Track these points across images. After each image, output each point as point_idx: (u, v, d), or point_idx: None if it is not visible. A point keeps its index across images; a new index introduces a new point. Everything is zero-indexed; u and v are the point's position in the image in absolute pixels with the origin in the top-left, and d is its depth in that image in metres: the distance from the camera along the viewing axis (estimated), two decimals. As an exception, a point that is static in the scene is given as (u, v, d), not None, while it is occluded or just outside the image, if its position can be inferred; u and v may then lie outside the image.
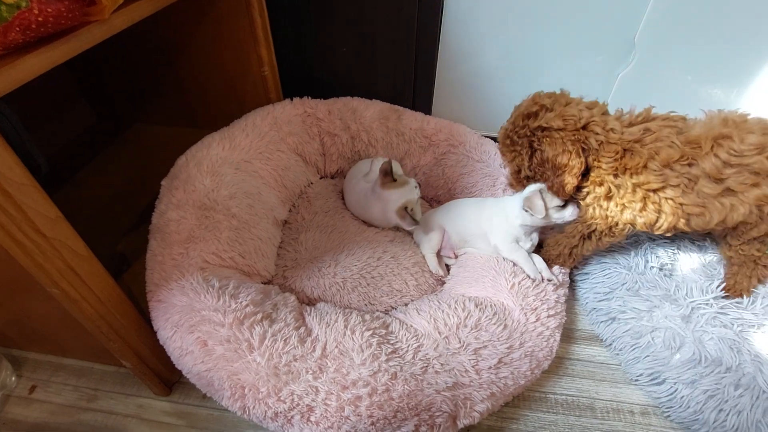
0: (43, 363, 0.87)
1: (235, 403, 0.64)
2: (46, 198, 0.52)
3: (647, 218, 0.70)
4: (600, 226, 0.76)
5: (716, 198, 0.66)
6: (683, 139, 0.66)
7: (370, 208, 0.96)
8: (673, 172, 0.66)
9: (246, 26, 0.95)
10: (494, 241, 0.85)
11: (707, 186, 0.65)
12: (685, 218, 0.69)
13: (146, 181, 0.88)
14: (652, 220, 0.70)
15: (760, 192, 0.64)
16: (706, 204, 0.66)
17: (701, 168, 0.65)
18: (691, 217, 0.68)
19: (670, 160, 0.66)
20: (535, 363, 0.73)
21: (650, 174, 0.67)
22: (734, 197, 0.65)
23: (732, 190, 0.65)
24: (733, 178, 0.64)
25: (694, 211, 0.67)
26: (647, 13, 0.96)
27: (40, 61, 0.50)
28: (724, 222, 0.67)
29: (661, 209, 0.69)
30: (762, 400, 0.70)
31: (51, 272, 0.55)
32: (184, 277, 0.71)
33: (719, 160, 0.64)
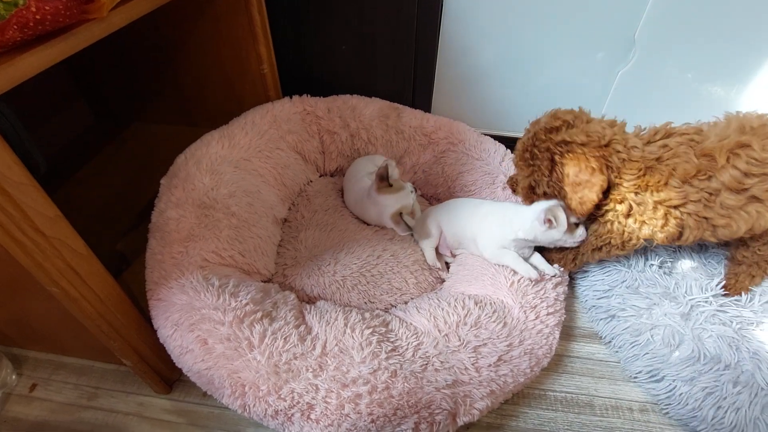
0: (43, 361, 0.87)
1: (236, 402, 0.64)
2: (45, 197, 0.52)
3: (668, 233, 0.69)
4: (614, 240, 0.75)
5: (741, 208, 0.64)
6: (699, 152, 0.65)
7: (366, 209, 0.97)
8: (692, 187, 0.65)
9: (245, 24, 0.95)
10: (480, 245, 0.85)
11: (730, 198, 0.64)
12: (711, 230, 0.67)
13: (145, 179, 0.88)
14: (675, 234, 0.69)
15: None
16: (731, 215, 0.65)
17: (720, 181, 0.63)
18: (717, 228, 0.67)
19: (687, 176, 0.64)
20: (534, 361, 0.73)
21: (671, 191, 0.65)
22: (761, 204, 0.64)
23: (757, 197, 0.63)
24: (757, 187, 0.62)
25: (719, 223, 0.66)
26: (647, 10, 0.96)
27: (38, 60, 0.49)
28: (752, 230, 0.66)
29: (685, 223, 0.67)
30: (760, 397, 0.70)
31: (51, 271, 0.55)
32: (183, 276, 0.71)
33: (738, 172, 0.62)
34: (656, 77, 1.06)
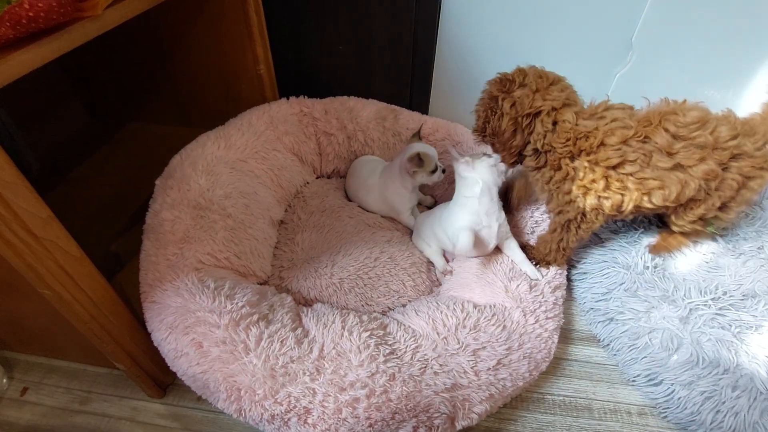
0: (35, 365, 0.85)
1: (231, 406, 0.63)
2: (37, 197, 0.51)
3: (613, 199, 0.73)
4: (570, 214, 0.78)
5: (671, 171, 0.70)
6: (636, 118, 0.71)
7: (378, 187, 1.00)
8: (629, 147, 0.70)
9: (241, 24, 0.94)
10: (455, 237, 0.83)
11: (661, 160, 0.69)
12: (647, 194, 0.72)
13: (140, 180, 0.87)
14: (618, 201, 0.73)
15: (706, 167, 0.69)
16: (663, 178, 0.70)
17: (654, 143, 0.69)
18: (652, 192, 0.71)
19: (626, 137, 0.69)
20: (533, 364, 0.73)
21: (609, 150, 0.70)
22: (685, 172, 0.70)
23: (682, 165, 0.69)
24: (683, 153, 0.69)
25: (653, 185, 0.71)
26: (645, 13, 0.97)
27: (31, 58, 0.49)
28: (678, 198, 0.71)
29: (626, 186, 0.71)
30: (759, 402, 0.70)
31: (42, 273, 0.54)
32: (178, 278, 0.70)
33: (669, 134, 0.69)
34: (654, 79, 1.07)
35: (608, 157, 0.70)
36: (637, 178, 0.70)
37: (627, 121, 0.70)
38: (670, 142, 0.69)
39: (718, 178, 0.71)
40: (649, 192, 0.71)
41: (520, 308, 0.76)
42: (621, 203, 0.73)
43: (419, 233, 0.94)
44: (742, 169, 0.71)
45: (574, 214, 0.77)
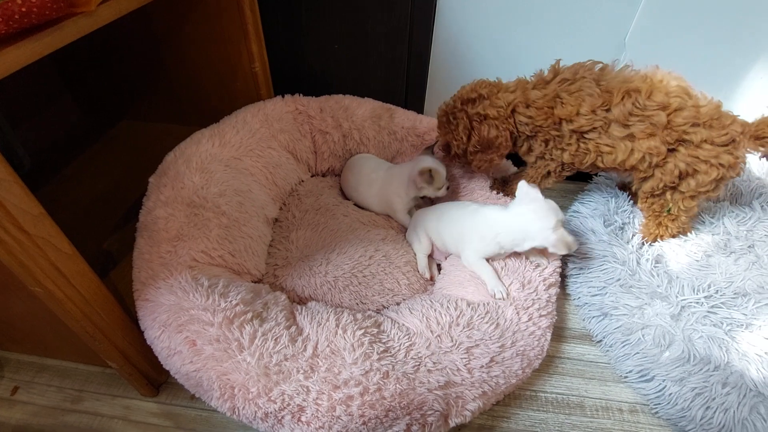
0: (26, 363, 0.84)
1: (225, 404, 0.63)
2: (29, 194, 0.51)
3: (579, 157, 0.84)
4: (551, 167, 0.89)
5: (621, 140, 0.79)
6: (603, 88, 0.79)
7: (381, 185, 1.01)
8: (596, 116, 0.79)
9: (236, 21, 0.94)
10: (462, 255, 0.84)
11: (617, 129, 0.79)
12: (600, 155, 0.82)
13: (134, 178, 0.87)
14: (582, 158, 0.84)
15: (652, 143, 0.77)
16: (615, 144, 0.80)
17: (614, 113, 0.78)
18: (603, 154, 0.82)
19: (594, 107, 0.78)
20: (526, 362, 0.73)
21: (582, 119, 0.79)
22: (634, 142, 0.79)
23: (633, 135, 0.78)
24: (636, 126, 0.78)
25: (605, 150, 0.81)
26: (638, 15, 0.97)
27: (24, 53, 0.48)
28: (624, 163, 0.81)
29: (588, 149, 0.83)
30: (749, 398, 0.71)
31: (34, 271, 0.54)
32: (172, 276, 0.70)
33: (627, 110, 0.77)
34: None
35: (581, 125, 0.80)
36: (596, 143, 0.81)
37: (594, 90, 0.79)
38: (626, 115, 0.77)
39: (660, 155, 0.78)
40: (601, 154, 0.82)
41: (514, 306, 0.76)
42: (583, 160, 0.85)
43: (414, 228, 0.94)
44: (686, 158, 0.77)
45: (554, 166, 0.89)
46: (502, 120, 0.84)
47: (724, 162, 0.76)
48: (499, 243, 0.79)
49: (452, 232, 0.87)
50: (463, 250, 0.84)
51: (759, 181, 1.05)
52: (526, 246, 0.77)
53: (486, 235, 0.80)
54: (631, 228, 0.98)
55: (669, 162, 0.79)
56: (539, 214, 0.75)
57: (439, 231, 0.89)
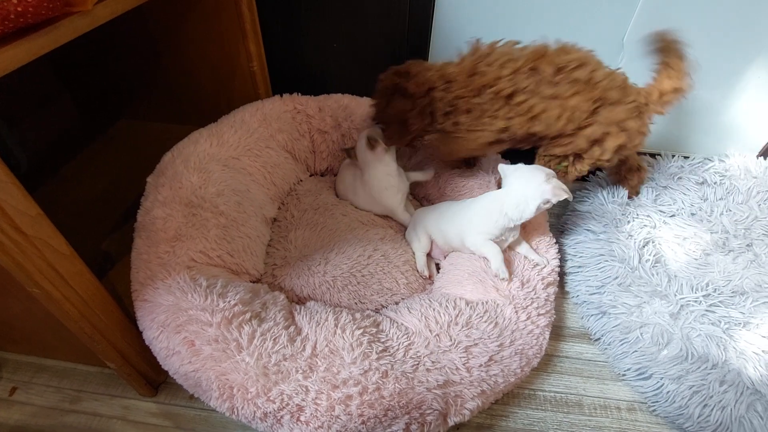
0: (24, 364, 0.84)
1: (224, 404, 0.63)
2: (26, 195, 0.51)
3: (513, 123, 0.82)
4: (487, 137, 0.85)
5: (551, 99, 0.79)
6: (527, 51, 0.80)
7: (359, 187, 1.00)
8: (519, 76, 0.79)
9: (234, 20, 0.93)
10: (470, 242, 0.84)
11: (547, 89, 0.79)
12: (534, 118, 0.81)
13: (132, 177, 0.87)
14: (516, 124, 0.82)
15: (577, 99, 0.78)
16: (548, 104, 0.79)
17: (541, 73, 0.78)
18: (538, 115, 0.80)
19: (516, 68, 0.79)
20: (525, 361, 0.73)
21: (503, 81, 0.79)
22: (560, 102, 0.79)
23: (560, 95, 0.78)
24: (562, 85, 0.78)
25: (537, 110, 0.80)
26: (635, 15, 0.97)
27: (20, 53, 0.48)
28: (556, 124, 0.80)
29: (520, 112, 0.81)
30: (746, 396, 0.72)
31: (32, 272, 0.53)
32: (170, 276, 0.70)
33: (553, 66, 0.78)
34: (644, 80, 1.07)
35: (503, 87, 0.79)
36: (528, 104, 0.80)
37: (516, 54, 0.80)
38: (553, 73, 0.78)
39: (585, 113, 0.79)
40: (535, 115, 0.80)
41: (512, 305, 0.76)
42: (517, 125, 0.82)
43: (414, 227, 0.94)
44: (604, 121, 0.79)
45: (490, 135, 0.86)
46: (418, 97, 0.83)
47: (630, 127, 0.80)
48: (507, 215, 0.80)
49: (455, 224, 0.87)
50: (468, 236, 0.84)
51: (756, 180, 1.05)
52: (531, 207, 0.78)
53: (493, 212, 0.81)
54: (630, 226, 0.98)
55: (588, 127, 0.80)
56: (528, 175, 0.80)
57: (441, 227, 0.89)
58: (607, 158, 0.83)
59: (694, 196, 1.03)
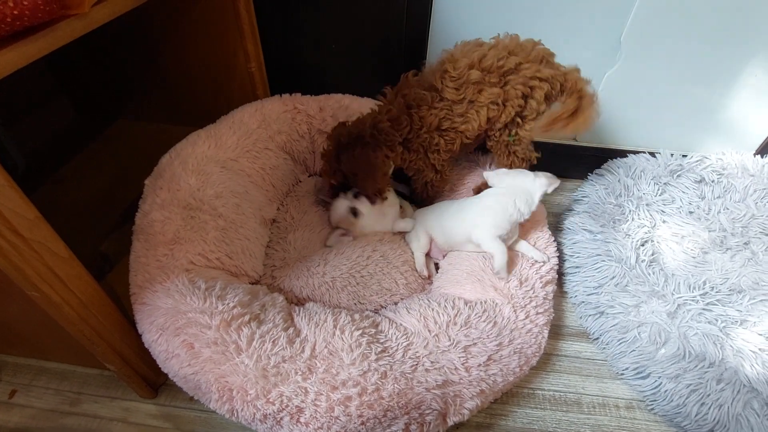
0: (23, 366, 0.84)
1: (223, 406, 0.63)
2: (24, 198, 0.51)
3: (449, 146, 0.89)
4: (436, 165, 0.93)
5: (466, 112, 0.85)
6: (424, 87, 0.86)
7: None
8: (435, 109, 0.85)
9: (232, 20, 0.93)
10: (475, 236, 0.84)
11: (458, 107, 0.85)
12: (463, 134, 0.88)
13: (129, 179, 0.86)
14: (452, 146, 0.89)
15: (487, 94, 0.83)
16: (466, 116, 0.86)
17: (446, 96, 0.84)
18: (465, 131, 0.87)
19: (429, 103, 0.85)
20: (523, 360, 0.74)
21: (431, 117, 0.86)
22: (475, 103, 0.85)
23: (471, 101, 0.85)
24: (467, 93, 0.84)
25: (463, 128, 0.87)
26: (633, 14, 0.97)
27: (17, 56, 0.48)
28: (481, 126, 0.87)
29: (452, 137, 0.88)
30: (743, 394, 0.72)
31: (30, 275, 0.53)
32: (169, 279, 0.70)
33: (451, 87, 0.84)
34: (642, 79, 1.08)
35: (430, 122, 0.86)
36: (450, 128, 0.87)
37: (418, 91, 0.85)
38: (455, 92, 0.84)
39: (500, 96, 0.84)
40: (463, 132, 0.87)
41: (511, 304, 0.77)
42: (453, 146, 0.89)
43: (414, 227, 0.94)
44: (518, 81, 0.83)
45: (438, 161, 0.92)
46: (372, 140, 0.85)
47: (546, 75, 0.83)
48: (519, 210, 0.83)
49: (461, 222, 0.87)
50: (477, 232, 0.83)
51: (753, 179, 1.06)
52: (536, 199, 0.84)
53: (507, 207, 0.83)
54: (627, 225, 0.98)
55: (509, 91, 0.84)
56: (520, 176, 0.87)
57: (443, 225, 0.90)
58: (543, 109, 0.87)
59: (692, 194, 1.03)
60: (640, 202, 1.02)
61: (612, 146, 1.21)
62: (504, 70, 0.83)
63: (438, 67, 0.86)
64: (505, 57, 0.82)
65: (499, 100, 0.84)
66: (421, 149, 0.89)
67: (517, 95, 0.84)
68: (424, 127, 0.86)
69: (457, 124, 0.86)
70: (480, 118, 0.85)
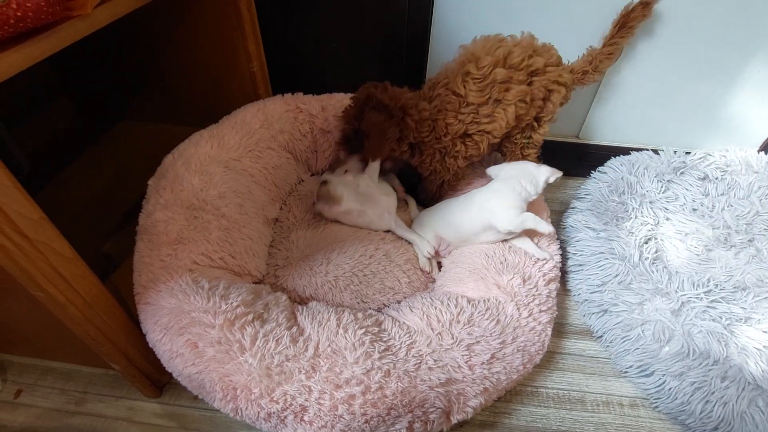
0: (28, 366, 0.85)
1: (228, 405, 0.63)
2: (29, 199, 0.51)
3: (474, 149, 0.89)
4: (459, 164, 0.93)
5: (493, 111, 0.84)
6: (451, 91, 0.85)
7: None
8: (462, 114, 0.85)
9: (233, 21, 0.93)
10: (501, 222, 0.83)
11: (484, 109, 0.84)
12: (489, 134, 0.87)
13: (133, 180, 0.87)
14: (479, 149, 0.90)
15: (515, 91, 0.82)
16: (492, 116, 0.85)
17: (471, 100, 0.83)
18: (492, 132, 0.87)
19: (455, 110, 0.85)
20: (527, 358, 0.73)
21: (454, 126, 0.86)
22: (502, 103, 0.84)
23: (497, 100, 0.83)
24: (493, 92, 0.83)
25: (490, 128, 0.86)
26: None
27: (20, 58, 0.48)
28: (509, 124, 0.86)
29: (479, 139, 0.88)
30: (747, 392, 0.72)
31: (35, 275, 0.54)
32: (172, 279, 0.70)
33: (475, 89, 0.82)
34: (644, 76, 1.07)
35: (456, 130, 0.86)
36: (478, 132, 0.87)
37: (448, 97, 0.85)
38: (478, 93, 0.82)
39: (528, 94, 0.83)
40: (490, 132, 0.87)
41: (514, 302, 0.76)
42: (481, 149, 0.89)
43: (420, 227, 0.94)
44: (542, 83, 0.83)
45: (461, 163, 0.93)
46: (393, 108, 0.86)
47: (566, 80, 0.85)
48: (526, 189, 0.84)
49: (473, 212, 0.87)
50: (494, 217, 0.83)
51: (757, 176, 1.05)
52: (541, 182, 0.85)
53: (515, 186, 0.84)
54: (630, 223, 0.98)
55: (534, 92, 0.84)
56: (521, 164, 0.89)
57: (453, 221, 0.89)
58: (557, 113, 0.89)
59: (696, 192, 1.03)
60: (643, 200, 1.01)
61: (615, 143, 1.21)
62: (531, 70, 0.82)
63: (458, 68, 0.84)
64: (531, 56, 0.82)
65: (527, 98, 0.84)
66: (437, 154, 0.89)
67: (539, 96, 0.85)
68: (449, 135, 0.86)
69: (484, 125, 0.86)
70: (508, 116, 0.84)
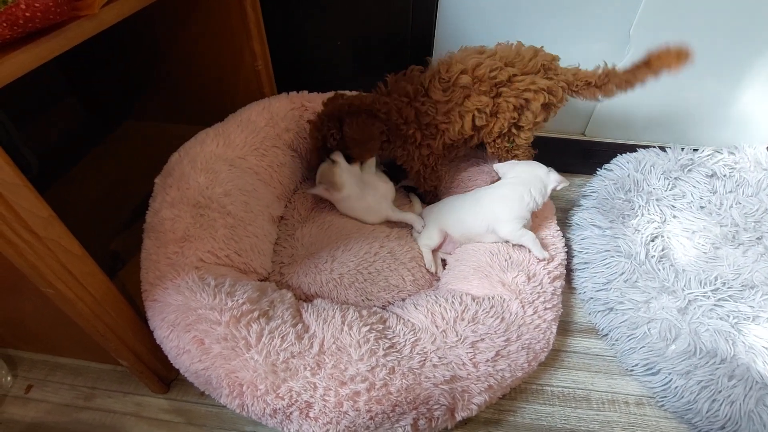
0: (38, 362, 0.86)
1: (234, 401, 0.64)
2: (38, 197, 0.52)
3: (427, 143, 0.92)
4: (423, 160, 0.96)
5: (449, 113, 0.88)
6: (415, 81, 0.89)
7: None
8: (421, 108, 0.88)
9: (238, 20, 0.94)
10: (503, 230, 0.84)
11: (443, 107, 0.87)
12: (444, 132, 0.90)
13: (139, 178, 0.88)
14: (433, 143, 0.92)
15: (474, 101, 0.86)
16: (449, 119, 0.88)
17: (432, 97, 0.88)
18: (446, 131, 0.90)
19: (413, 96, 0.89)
20: (532, 355, 0.73)
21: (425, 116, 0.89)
22: (461, 107, 0.87)
23: (458, 104, 0.87)
24: (453, 95, 0.87)
25: (444, 127, 0.89)
26: (642, 7, 0.96)
27: (29, 58, 0.49)
28: (464, 129, 0.89)
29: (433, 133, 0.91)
30: (755, 391, 0.71)
31: (45, 272, 0.55)
32: (179, 276, 0.71)
33: (438, 86, 0.87)
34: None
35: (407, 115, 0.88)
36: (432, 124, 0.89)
37: (405, 86, 0.88)
38: (441, 93, 0.87)
39: (488, 105, 0.86)
40: (445, 132, 0.89)
41: (519, 299, 0.76)
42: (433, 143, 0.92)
43: (426, 224, 0.94)
44: (511, 93, 0.85)
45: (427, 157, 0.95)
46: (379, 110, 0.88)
47: (543, 86, 0.84)
48: (534, 199, 0.85)
49: (480, 214, 0.87)
50: (502, 225, 0.84)
51: (766, 173, 1.04)
52: (548, 190, 0.86)
53: (523, 195, 0.85)
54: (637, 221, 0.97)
55: (501, 103, 0.87)
56: (531, 166, 0.89)
57: (460, 219, 0.90)
58: (542, 119, 0.89)
59: (704, 189, 1.02)
60: (650, 197, 1.01)
61: (621, 141, 1.20)
62: (496, 82, 0.85)
63: (433, 68, 0.89)
64: (499, 68, 0.84)
65: (487, 109, 0.86)
66: (398, 140, 0.92)
67: (509, 108, 0.86)
68: (401, 119, 0.88)
69: (438, 122, 0.88)
70: (464, 122, 0.88)
